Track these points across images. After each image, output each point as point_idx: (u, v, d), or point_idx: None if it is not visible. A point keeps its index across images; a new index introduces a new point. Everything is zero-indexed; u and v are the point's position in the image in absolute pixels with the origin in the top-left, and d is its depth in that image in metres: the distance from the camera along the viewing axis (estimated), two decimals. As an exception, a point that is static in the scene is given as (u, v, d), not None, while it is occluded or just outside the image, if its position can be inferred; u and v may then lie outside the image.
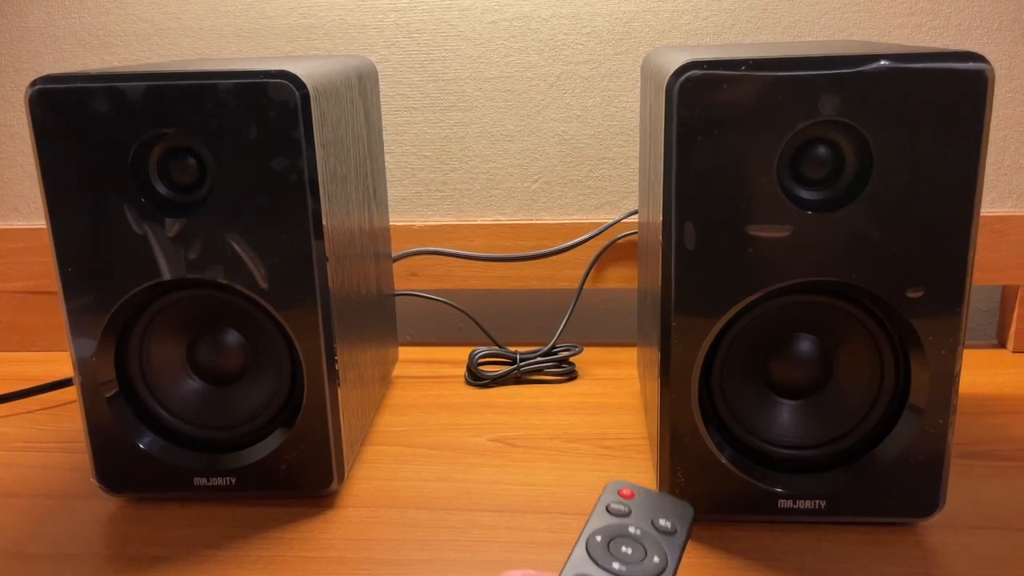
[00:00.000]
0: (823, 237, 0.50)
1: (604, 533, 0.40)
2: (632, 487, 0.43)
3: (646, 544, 0.40)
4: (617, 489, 0.43)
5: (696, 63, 0.48)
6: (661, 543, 0.40)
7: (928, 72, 0.47)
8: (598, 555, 0.39)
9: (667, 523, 0.41)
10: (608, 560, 0.39)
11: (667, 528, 0.41)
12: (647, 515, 0.42)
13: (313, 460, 0.59)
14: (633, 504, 0.42)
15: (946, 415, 0.52)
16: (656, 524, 0.41)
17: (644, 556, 0.39)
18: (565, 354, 0.82)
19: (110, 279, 0.55)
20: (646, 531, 0.40)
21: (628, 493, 0.43)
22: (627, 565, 0.38)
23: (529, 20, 0.84)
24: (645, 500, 0.43)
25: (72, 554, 0.56)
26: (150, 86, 0.52)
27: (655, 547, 0.40)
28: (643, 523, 0.41)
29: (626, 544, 0.40)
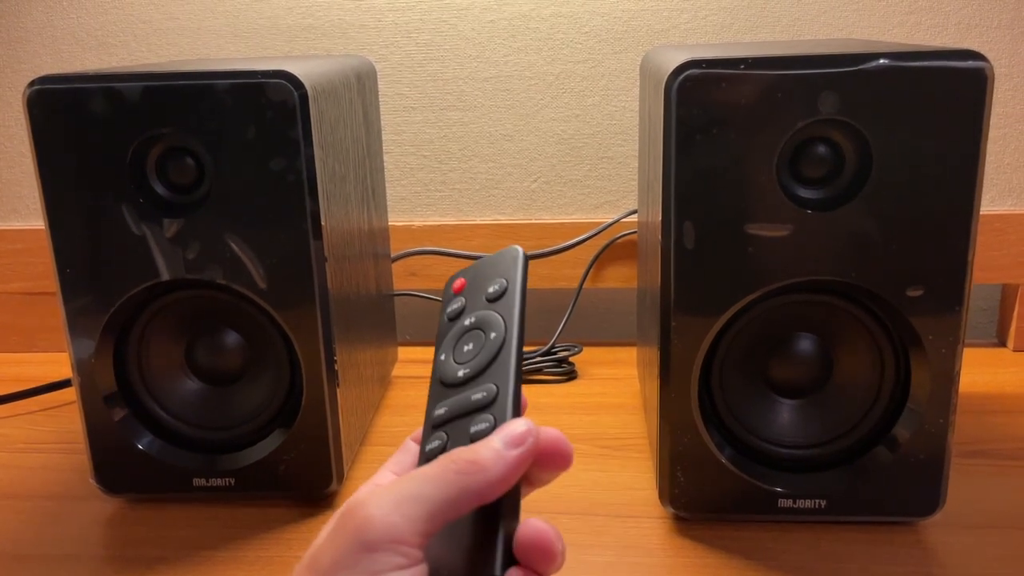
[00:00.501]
0: (823, 236, 0.50)
1: (447, 347, 0.37)
2: (463, 273, 0.39)
3: (483, 326, 0.36)
4: (451, 287, 0.40)
5: (695, 62, 0.48)
6: (495, 312, 0.36)
7: (927, 70, 0.47)
8: (447, 376, 0.36)
9: (496, 286, 0.37)
10: (454, 371, 0.36)
11: (496, 292, 0.37)
12: (479, 291, 0.37)
13: (312, 461, 0.59)
14: (466, 292, 0.38)
15: (946, 414, 0.52)
16: (488, 295, 0.37)
17: (484, 340, 0.35)
18: (564, 354, 0.82)
19: (108, 280, 0.55)
20: (480, 313, 0.37)
21: (459, 284, 0.39)
22: (470, 363, 0.35)
23: (528, 19, 0.84)
24: (476, 277, 0.38)
25: (71, 555, 0.56)
26: (148, 86, 0.52)
27: (491, 323, 0.36)
28: (477, 304, 0.37)
29: (467, 339, 0.36)
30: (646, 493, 0.61)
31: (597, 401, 0.76)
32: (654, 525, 0.57)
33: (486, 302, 0.37)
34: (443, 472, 0.30)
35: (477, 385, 0.35)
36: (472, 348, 0.36)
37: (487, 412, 0.33)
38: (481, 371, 0.35)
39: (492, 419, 0.33)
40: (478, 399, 0.34)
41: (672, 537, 0.56)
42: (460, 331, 0.37)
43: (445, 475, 0.29)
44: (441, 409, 0.35)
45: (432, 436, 0.35)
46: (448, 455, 0.31)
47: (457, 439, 0.33)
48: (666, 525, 0.57)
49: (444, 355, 0.37)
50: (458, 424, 0.34)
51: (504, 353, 0.35)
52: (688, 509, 0.56)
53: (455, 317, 0.38)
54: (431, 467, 0.30)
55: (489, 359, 0.35)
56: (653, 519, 0.58)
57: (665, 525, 0.57)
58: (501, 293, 0.37)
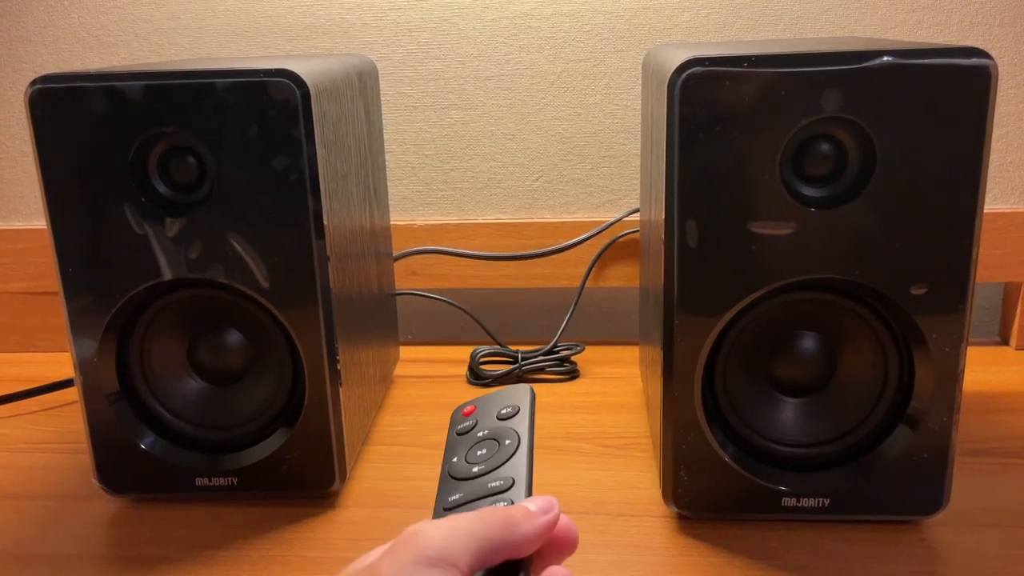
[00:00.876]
0: (826, 234, 0.50)
1: (459, 452, 0.40)
2: (473, 401, 0.44)
3: (497, 436, 0.40)
4: (460, 411, 0.44)
5: (698, 60, 0.48)
6: (509, 426, 0.40)
7: (931, 68, 0.47)
8: (459, 472, 0.39)
9: (508, 409, 0.41)
10: (467, 469, 0.39)
11: (509, 413, 0.41)
12: (490, 414, 0.42)
13: (315, 460, 0.59)
14: (477, 415, 0.43)
15: (950, 412, 0.52)
16: (499, 415, 0.41)
17: (498, 446, 0.39)
18: (567, 353, 0.82)
19: (110, 279, 0.55)
20: (492, 426, 0.41)
21: (469, 410, 0.43)
22: (485, 462, 0.39)
23: (529, 18, 0.84)
24: (486, 405, 0.43)
25: (74, 555, 0.56)
26: (149, 85, 0.52)
27: (504, 433, 0.40)
28: (488, 422, 0.41)
29: (480, 447, 0.40)
30: (649, 492, 0.61)
31: (599, 400, 0.76)
32: (657, 524, 0.57)
33: (497, 420, 0.41)
34: (490, 518, 0.33)
35: (493, 477, 0.38)
36: (485, 453, 0.39)
37: (505, 495, 0.36)
38: (495, 468, 0.38)
39: (511, 501, 0.36)
40: (495, 485, 0.37)
41: (675, 536, 0.56)
42: (472, 440, 0.41)
43: (492, 521, 0.33)
44: (455, 496, 0.38)
45: None
46: (491, 507, 0.34)
47: None
48: (669, 524, 0.57)
49: (456, 458, 0.40)
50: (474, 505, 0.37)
51: (518, 456, 0.38)
52: (691, 508, 0.56)
53: (465, 432, 0.42)
54: (480, 512, 0.33)
55: (504, 459, 0.39)
56: (656, 518, 0.58)
57: (668, 524, 0.57)
58: (513, 414, 0.41)
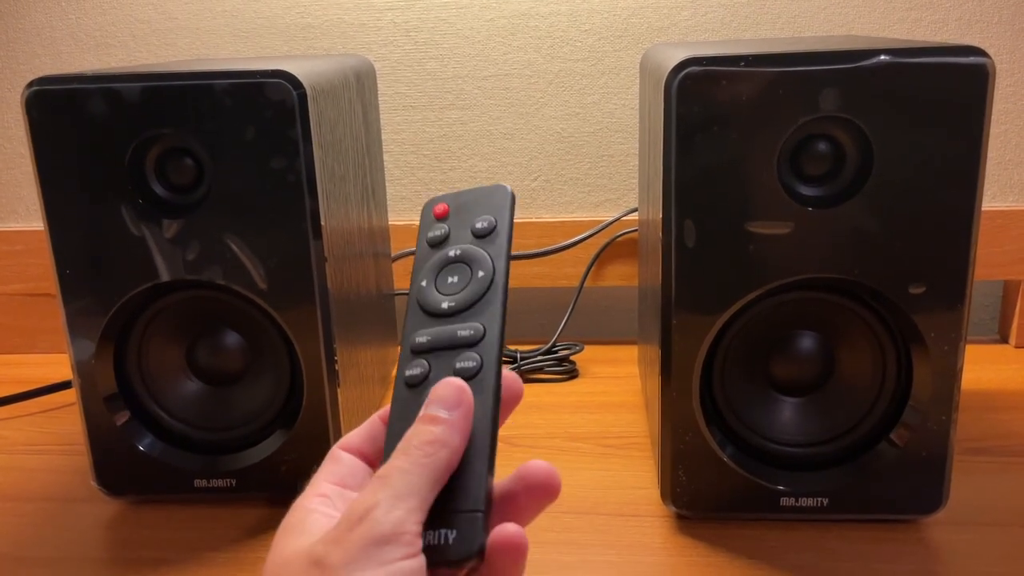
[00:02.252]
0: (824, 233, 0.50)
1: (428, 273, 0.37)
2: (446, 199, 0.39)
3: (470, 261, 0.36)
4: (431, 210, 0.39)
5: (695, 59, 0.48)
6: (484, 250, 0.36)
7: (929, 67, 0.47)
8: (429, 303, 0.36)
9: (483, 223, 0.37)
10: (437, 301, 0.36)
11: (484, 229, 0.37)
12: (465, 224, 0.37)
13: (313, 461, 0.57)
14: (450, 221, 0.38)
15: (949, 411, 0.52)
16: (474, 230, 0.37)
17: (470, 277, 0.36)
18: (566, 352, 0.82)
19: (108, 281, 0.55)
20: (466, 245, 0.37)
21: (441, 210, 0.38)
22: (454, 297, 0.36)
23: (527, 17, 0.84)
24: (460, 208, 0.38)
25: (73, 558, 0.56)
26: (146, 87, 0.52)
27: (478, 259, 0.36)
28: (462, 235, 0.37)
29: (450, 272, 0.36)
30: (648, 492, 0.60)
31: (599, 400, 0.76)
32: (656, 524, 0.57)
33: (472, 236, 0.37)
34: (416, 462, 0.31)
35: (463, 321, 0.35)
36: (457, 281, 0.36)
37: (473, 351, 0.34)
38: (467, 307, 0.35)
39: (479, 359, 0.34)
40: (465, 335, 0.34)
41: (674, 536, 0.56)
42: (443, 260, 0.37)
43: (419, 463, 0.31)
44: (423, 337, 0.35)
45: (413, 362, 0.35)
46: (406, 444, 0.32)
47: (440, 370, 0.34)
48: (668, 524, 0.57)
49: (425, 281, 0.37)
50: (441, 356, 0.34)
51: (491, 294, 0.35)
52: (690, 508, 0.56)
53: (437, 244, 0.38)
54: (402, 461, 0.32)
55: (476, 297, 0.35)
56: (655, 518, 0.58)
57: (667, 524, 0.57)
58: (489, 231, 0.37)
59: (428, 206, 0.39)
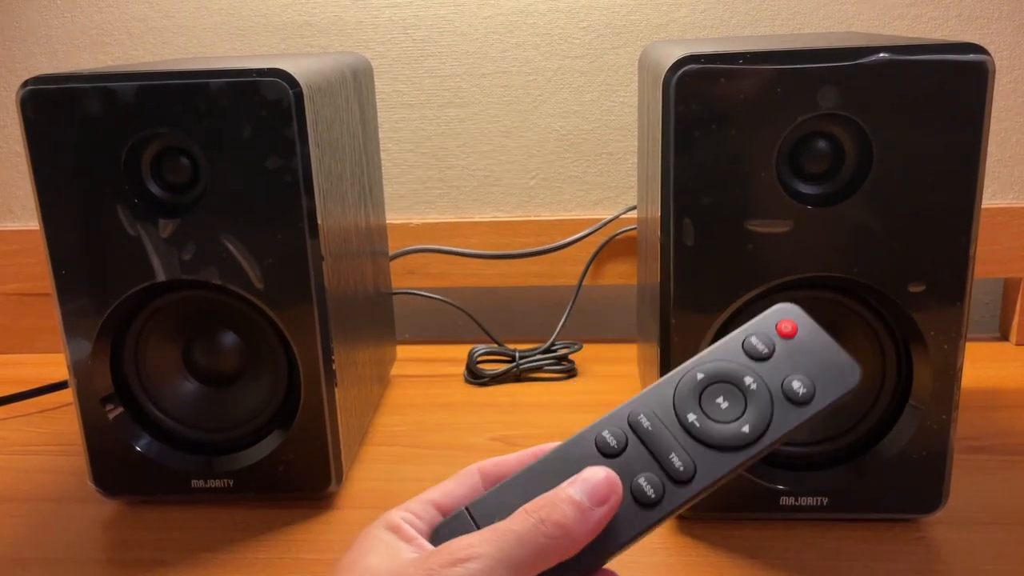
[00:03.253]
0: (823, 232, 0.49)
1: (712, 372, 0.31)
2: (801, 323, 0.31)
3: (751, 403, 0.30)
4: (778, 321, 0.32)
5: (693, 56, 0.48)
6: (773, 408, 0.30)
7: (928, 64, 0.47)
8: (682, 398, 0.31)
9: (801, 387, 0.30)
10: (689, 406, 0.30)
11: (798, 395, 0.30)
12: (787, 368, 0.31)
13: (311, 461, 0.58)
14: (784, 346, 0.31)
15: (949, 410, 0.52)
16: (788, 386, 0.30)
17: (737, 416, 0.30)
18: (565, 351, 0.82)
19: (104, 281, 0.55)
20: (767, 391, 0.30)
21: (788, 330, 0.31)
22: (704, 419, 0.30)
23: (525, 15, 0.84)
24: (802, 345, 0.31)
25: (69, 559, 0.56)
26: (142, 86, 0.51)
27: (760, 413, 0.30)
28: (773, 377, 0.31)
29: (725, 395, 0.31)
30: (647, 491, 0.60)
31: (597, 399, 0.76)
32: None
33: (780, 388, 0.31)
34: (534, 536, 0.30)
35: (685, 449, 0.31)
36: (723, 409, 0.31)
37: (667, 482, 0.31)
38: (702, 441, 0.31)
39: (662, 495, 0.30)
40: (673, 466, 0.30)
41: (673, 535, 0.55)
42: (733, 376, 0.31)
43: (536, 539, 0.30)
44: (647, 421, 0.31)
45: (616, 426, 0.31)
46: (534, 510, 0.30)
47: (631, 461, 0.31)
48: (668, 524, 0.56)
49: (702, 375, 0.32)
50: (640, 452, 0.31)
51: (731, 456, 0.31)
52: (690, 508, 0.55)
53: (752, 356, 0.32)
54: (521, 526, 0.30)
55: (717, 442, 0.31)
56: (654, 517, 0.57)
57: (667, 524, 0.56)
58: (799, 401, 0.31)
59: (780, 312, 0.33)
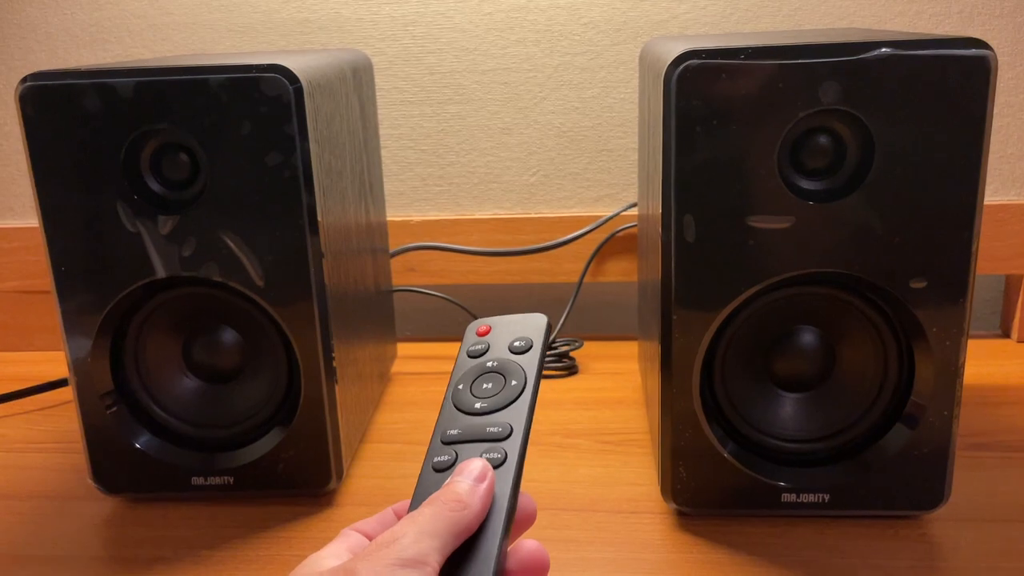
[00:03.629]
0: (825, 228, 0.49)
1: (466, 379, 0.40)
2: (489, 321, 0.43)
3: (504, 372, 0.40)
4: (475, 329, 0.43)
5: (694, 52, 0.47)
6: (518, 363, 0.40)
7: (930, 59, 0.46)
8: (463, 404, 0.39)
9: (520, 341, 0.41)
10: (471, 402, 0.39)
11: (521, 347, 0.41)
12: (503, 342, 0.41)
13: (311, 458, 0.58)
14: (490, 338, 0.42)
15: (951, 406, 0.52)
16: (511, 347, 0.41)
17: (503, 384, 0.39)
18: (565, 348, 0.82)
19: (104, 278, 0.55)
20: (503, 359, 0.40)
21: (484, 330, 0.43)
22: (487, 400, 0.39)
23: (526, 11, 0.84)
24: (501, 329, 0.42)
25: (69, 556, 0.56)
26: (141, 82, 0.51)
27: (513, 371, 0.40)
28: (500, 352, 0.41)
29: (486, 380, 0.40)
30: (648, 489, 0.60)
31: (598, 396, 0.76)
32: (656, 521, 0.57)
33: (509, 352, 0.41)
34: (441, 511, 0.34)
35: (493, 420, 0.38)
36: (491, 387, 0.40)
37: (501, 444, 0.37)
38: (498, 408, 0.39)
39: (504, 452, 0.37)
40: (493, 431, 0.38)
41: (674, 533, 0.55)
42: (480, 369, 0.41)
43: (444, 513, 0.34)
44: (454, 430, 0.39)
45: (442, 450, 0.38)
46: (435, 497, 0.35)
47: (467, 458, 0.37)
48: (668, 521, 0.57)
49: (462, 385, 0.40)
50: (470, 447, 0.38)
51: (521, 401, 0.39)
52: (690, 504, 0.55)
53: (476, 356, 0.42)
54: (431, 508, 0.34)
55: (506, 401, 0.39)
56: (655, 515, 0.57)
57: (667, 521, 0.57)
58: (525, 349, 0.41)
59: (472, 326, 0.43)
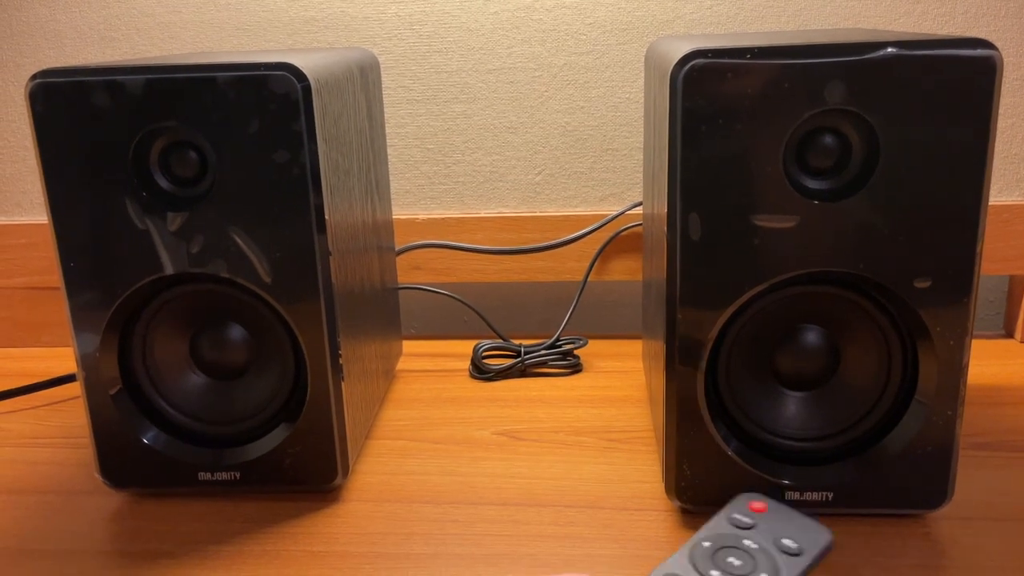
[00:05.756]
0: (830, 227, 0.49)
1: (715, 540, 0.38)
2: (765, 500, 0.40)
3: (758, 559, 0.37)
4: (747, 502, 0.40)
5: (700, 52, 0.48)
6: (777, 562, 0.37)
7: (935, 59, 0.47)
8: (698, 560, 0.36)
9: (792, 543, 0.38)
10: (708, 567, 0.36)
11: (791, 548, 0.37)
12: (773, 532, 0.38)
13: (317, 454, 0.59)
14: (761, 518, 0.39)
15: (954, 406, 0.52)
16: (779, 543, 0.38)
17: (752, 571, 0.36)
18: (570, 347, 0.82)
19: (112, 274, 0.55)
20: (765, 547, 0.37)
21: (759, 507, 0.40)
22: (726, 574, 0.36)
23: (531, 10, 0.84)
24: (776, 516, 0.39)
25: (77, 550, 0.56)
26: (150, 79, 0.52)
27: (767, 564, 0.36)
28: (765, 539, 0.38)
29: (735, 555, 0.37)
30: (652, 486, 0.60)
31: (602, 394, 0.76)
32: (660, 518, 0.57)
33: (775, 546, 0.38)
34: None
35: None
36: (738, 566, 0.37)
37: None
38: None
39: None
40: None
41: (679, 530, 0.56)
42: (736, 541, 0.38)
43: None
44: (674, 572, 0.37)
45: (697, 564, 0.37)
46: None
47: None
48: (672, 518, 0.57)
49: (708, 543, 0.38)
50: None
51: None
52: (694, 502, 0.56)
53: (739, 527, 0.39)
54: None
55: None
56: (659, 512, 0.58)
57: (671, 518, 0.57)
58: (794, 553, 0.38)
59: (748, 497, 0.41)
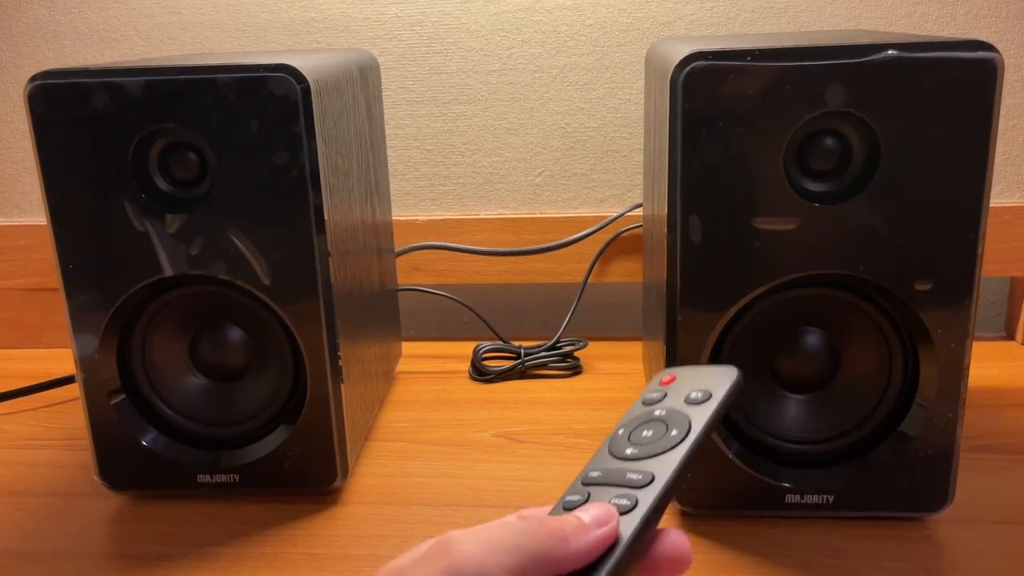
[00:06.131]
0: (830, 229, 0.49)
1: (629, 424, 0.38)
2: (675, 370, 0.40)
3: (669, 421, 0.36)
4: (659, 378, 0.39)
5: (701, 54, 0.48)
6: (687, 415, 0.36)
7: (936, 62, 0.46)
8: (616, 449, 0.37)
9: (699, 393, 0.37)
10: (623, 447, 0.36)
11: (698, 398, 0.37)
12: (681, 393, 0.38)
13: (316, 457, 0.58)
14: (671, 388, 0.38)
15: (955, 408, 0.52)
16: (688, 398, 0.37)
17: (663, 433, 0.36)
18: (570, 348, 0.82)
19: (111, 276, 0.55)
20: (673, 409, 0.37)
21: (668, 379, 0.39)
22: (640, 446, 0.36)
23: (532, 12, 0.84)
24: (683, 378, 0.39)
25: (76, 552, 0.56)
26: (150, 81, 0.51)
27: (678, 421, 0.36)
28: (675, 402, 0.37)
29: (648, 427, 0.37)
30: (652, 488, 0.60)
31: (602, 396, 0.76)
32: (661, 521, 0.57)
33: (683, 402, 0.37)
34: (536, 531, 0.31)
35: (637, 467, 0.36)
36: (650, 435, 0.37)
37: (635, 491, 0.34)
38: (647, 456, 0.36)
39: (636, 499, 0.34)
40: (633, 478, 0.35)
41: (679, 533, 0.55)
42: (646, 416, 0.38)
43: (538, 534, 0.31)
44: (596, 472, 0.36)
45: (577, 490, 0.36)
46: (541, 518, 0.32)
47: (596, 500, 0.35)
48: (673, 521, 0.57)
49: (623, 430, 0.38)
50: (604, 490, 0.35)
51: (674, 452, 0.35)
52: (695, 505, 0.55)
53: (649, 404, 0.39)
54: (527, 523, 0.32)
55: (658, 450, 0.36)
56: (659, 515, 0.57)
57: (672, 521, 0.57)
58: (701, 400, 0.37)
59: (659, 375, 0.40)
